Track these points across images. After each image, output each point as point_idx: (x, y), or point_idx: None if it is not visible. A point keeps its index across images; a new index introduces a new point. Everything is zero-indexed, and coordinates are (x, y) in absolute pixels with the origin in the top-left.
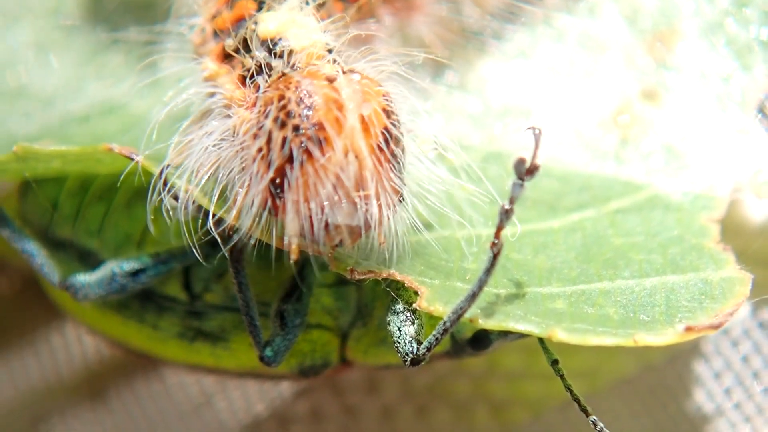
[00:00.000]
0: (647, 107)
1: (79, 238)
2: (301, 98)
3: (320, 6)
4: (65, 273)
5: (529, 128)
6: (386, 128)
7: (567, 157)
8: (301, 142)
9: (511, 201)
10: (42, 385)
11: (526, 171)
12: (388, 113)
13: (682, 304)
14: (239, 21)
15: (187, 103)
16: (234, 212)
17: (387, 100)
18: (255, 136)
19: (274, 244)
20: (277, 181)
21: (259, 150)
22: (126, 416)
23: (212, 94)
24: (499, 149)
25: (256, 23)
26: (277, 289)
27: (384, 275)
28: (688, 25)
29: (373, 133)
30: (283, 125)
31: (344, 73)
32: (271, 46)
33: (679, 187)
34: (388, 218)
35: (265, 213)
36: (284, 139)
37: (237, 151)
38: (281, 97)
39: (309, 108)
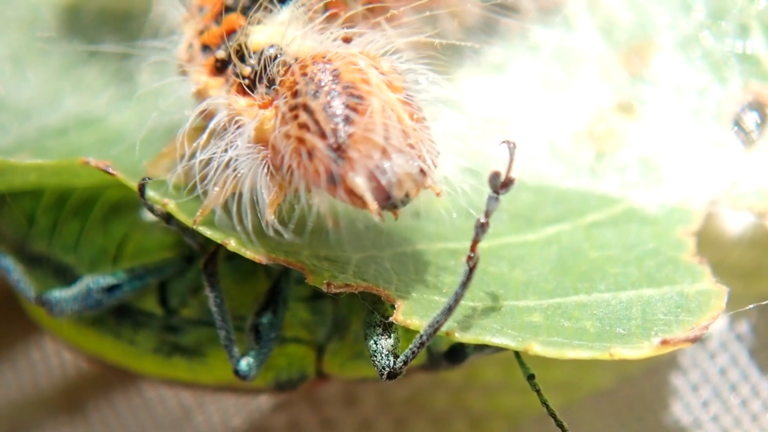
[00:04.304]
0: (623, 120)
1: (55, 254)
2: (324, 68)
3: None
4: (41, 288)
5: (504, 142)
6: (405, 83)
7: (542, 171)
8: (344, 102)
9: (487, 214)
10: (20, 399)
11: (501, 184)
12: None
13: (658, 317)
14: (228, 35)
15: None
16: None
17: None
18: (295, 117)
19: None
20: (334, 144)
21: (305, 126)
22: (105, 430)
23: (213, 114)
24: (475, 162)
25: (246, 35)
26: (253, 303)
27: (360, 289)
28: (664, 38)
29: (397, 88)
30: (318, 95)
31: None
32: (267, 56)
33: (655, 200)
34: (436, 166)
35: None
36: (328, 104)
37: (272, 149)
38: (304, 74)
39: (336, 73)
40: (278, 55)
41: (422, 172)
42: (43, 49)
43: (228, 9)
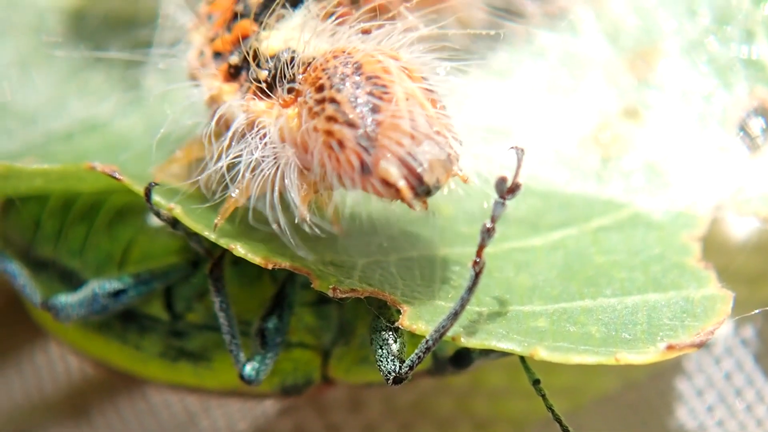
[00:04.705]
0: (628, 125)
1: (61, 258)
2: (346, 62)
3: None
4: (47, 293)
5: (512, 148)
6: (424, 73)
7: (548, 176)
8: (369, 91)
9: (493, 219)
10: (26, 403)
11: (507, 190)
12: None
13: (663, 322)
14: (240, 41)
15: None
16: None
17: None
18: (322, 110)
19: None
20: (363, 134)
21: (333, 119)
22: None
23: (230, 119)
24: (480, 168)
25: (260, 41)
26: (259, 308)
27: (366, 293)
28: (669, 43)
29: (417, 78)
30: (343, 87)
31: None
32: (284, 59)
33: (660, 205)
34: (460, 153)
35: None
36: (354, 95)
37: (300, 146)
38: (326, 69)
39: (357, 65)
40: (294, 57)
41: (450, 158)
42: (49, 55)
43: (238, 16)
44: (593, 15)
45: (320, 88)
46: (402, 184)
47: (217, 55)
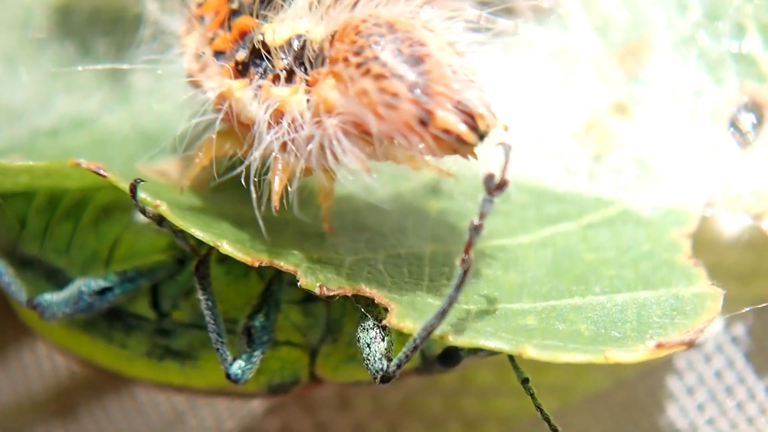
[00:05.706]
0: (618, 121)
1: (47, 256)
2: (378, 22)
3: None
4: (32, 291)
5: (499, 144)
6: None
7: (537, 172)
8: (410, 45)
9: (481, 216)
10: (13, 402)
11: (495, 186)
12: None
13: (653, 320)
14: (243, 37)
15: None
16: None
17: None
18: (367, 71)
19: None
20: (415, 86)
21: (382, 76)
22: None
23: (247, 114)
24: (469, 164)
25: (263, 33)
26: (245, 306)
27: (353, 291)
28: (659, 38)
29: (439, 34)
30: (384, 46)
31: None
32: (296, 45)
33: (650, 202)
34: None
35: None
36: (397, 50)
37: (351, 111)
38: (358, 33)
39: (390, 26)
40: (307, 40)
41: (491, 105)
42: (35, 50)
43: (235, 13)
44: (582, 9)
45: (359, 51)
46: (463, 128)
47: (219, 54)
